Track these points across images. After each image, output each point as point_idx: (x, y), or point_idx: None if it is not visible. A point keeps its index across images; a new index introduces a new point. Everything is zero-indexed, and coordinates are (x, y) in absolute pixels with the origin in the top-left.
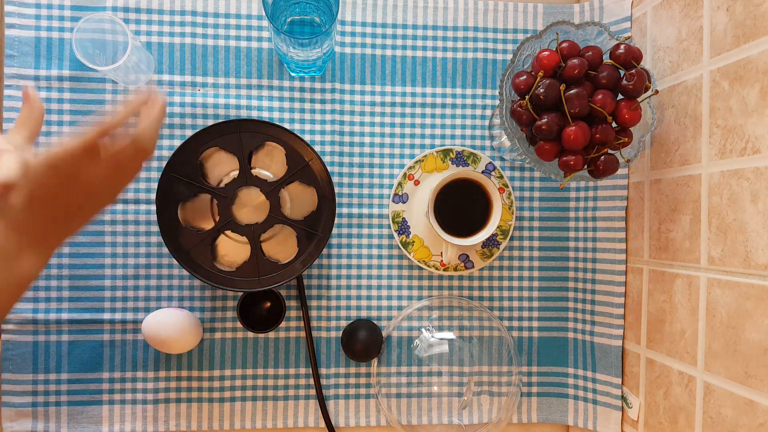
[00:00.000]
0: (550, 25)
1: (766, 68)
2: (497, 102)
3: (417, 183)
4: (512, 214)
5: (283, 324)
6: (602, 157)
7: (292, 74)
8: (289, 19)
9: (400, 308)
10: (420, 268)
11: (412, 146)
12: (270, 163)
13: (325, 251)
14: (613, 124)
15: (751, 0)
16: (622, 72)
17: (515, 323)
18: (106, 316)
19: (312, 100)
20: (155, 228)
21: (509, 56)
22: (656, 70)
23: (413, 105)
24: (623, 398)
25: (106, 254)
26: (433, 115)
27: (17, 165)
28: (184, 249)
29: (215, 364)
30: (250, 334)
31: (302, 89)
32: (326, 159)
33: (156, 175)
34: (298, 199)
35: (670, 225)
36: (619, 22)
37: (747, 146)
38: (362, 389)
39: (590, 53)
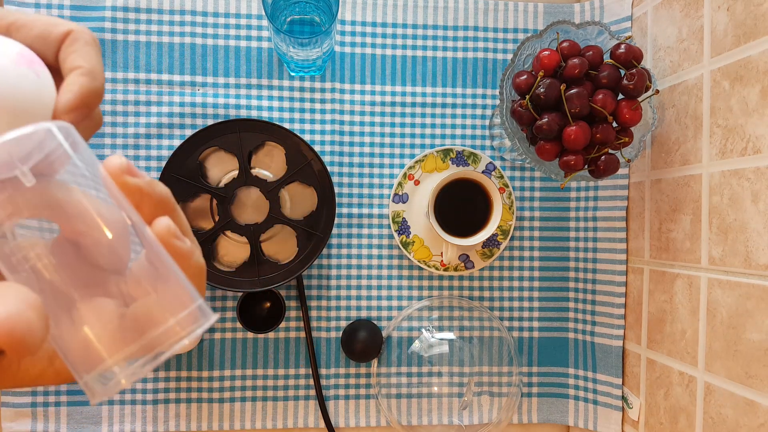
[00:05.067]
0: (550, 25)
1: (767, 68)
2: (497, 102)
3: (417, 183)
4: (512, 214)
5: (283, 324)
6: (603, 156)
7: (292, 74)
8: (288, 19)
9: (400, 308)
10: (420, 268)
11: (412, 146)
12: (270, 163)
13: (325, 251)
14: (614, 124)
15: (751, 0)
16: (622, 72)
17: (515, 323)
18: None
19: (312, 100)
20: None
21: (509, 56)
22: (657, 70)
23: (413, 105)
24: (624, 398)
25: None
26: (433, 115)
27: None
28: None
29: (215, 364)
30: (250, 335)
31: (302, 89)
32: (326, 159)
33: (156, 174)
34: (298, 199)
35: (670, 225)
36: (619, 21)
37: (748, 146)
38: (362, 389)
39: (591, 53)
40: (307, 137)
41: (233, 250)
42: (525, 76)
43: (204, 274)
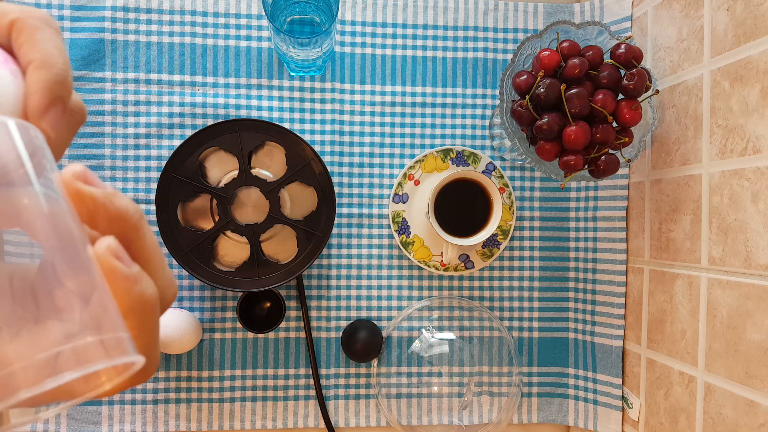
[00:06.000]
0: (550, 25)
1: (767, 68)
2: (497, 102)
3: (417, 183)
4: (512, 214)
5: (283, 324)
6: (603, 156)
7: (292, 74)
8: (288, 19)
9: (400, 308)
10: (420, 268)
11: (412, 146)
12: (270, 163)
13: (325, 251)
14: (614, 124)
15: (751, 0)
16: (622, 72)
17: (515, 323)
18: None
19: (312, 100)
20: (155, 228)
21: (509, 56)
22: (657, 70)
23: (413, 105)
24: (624, 398)
25: None
26: (433, 115)
27: None
28: (183, 249)
29: (215, 364)
30: (250, 334)
31: (302, 89)
32: (326, 159)
33: (156, 174)
34: (298, 199)
35: (670, 225)
36: (619, 21)
37: (748, 146)
38: (362, 390)
39: (591, 53)
40: (307, 137)
41: (233, 250)
42: (525, 76)
43: (150, 312)
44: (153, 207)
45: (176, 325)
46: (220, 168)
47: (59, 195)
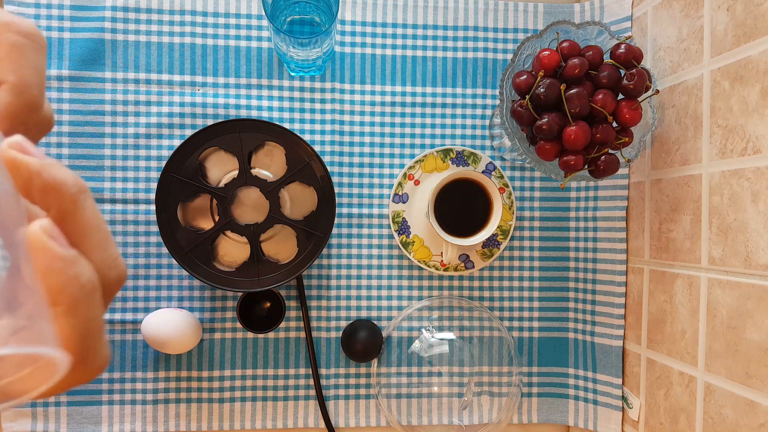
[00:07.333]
0: (550, 25)
1: (767, 68)
2: (497, 102)
3: (417, 183)
4: (512, 214)
5: (283, 324)
6: (603, 156)
7: (292, 74)
8: (288, 19)
9: (400, 308)
10: (420, 268)
11: (412, 146)
12: (270, 163)
13: (325, 251)
14: (614, 124)
15: (751, 0)
16: (622, 72)
17: (515, 323)
18: (106, 316)
19: (312, 100)
20: (155, 228)
21: (509, 56)
22: (657, 70)
23: (413, 105)
24: (624, 398)
25: None
26: (433, 115)
27: None
28: (183, 249)
29: (215, 364)
30: (250, 334)
31: (302, 89)
32: (326, 159)
33: (156, 174)
34: (298, 199)
35: (670, 225)
36: (619, 21)
37: (747, 146)
38: (362, 390)
39: (591, 53)
40: (307, 137)
41: (233, 250)
42: (525, 76)
43: (86, 299)
44: (153, 207)
45: (176, 325)
46: (220, 168)
47: (4, 177)
